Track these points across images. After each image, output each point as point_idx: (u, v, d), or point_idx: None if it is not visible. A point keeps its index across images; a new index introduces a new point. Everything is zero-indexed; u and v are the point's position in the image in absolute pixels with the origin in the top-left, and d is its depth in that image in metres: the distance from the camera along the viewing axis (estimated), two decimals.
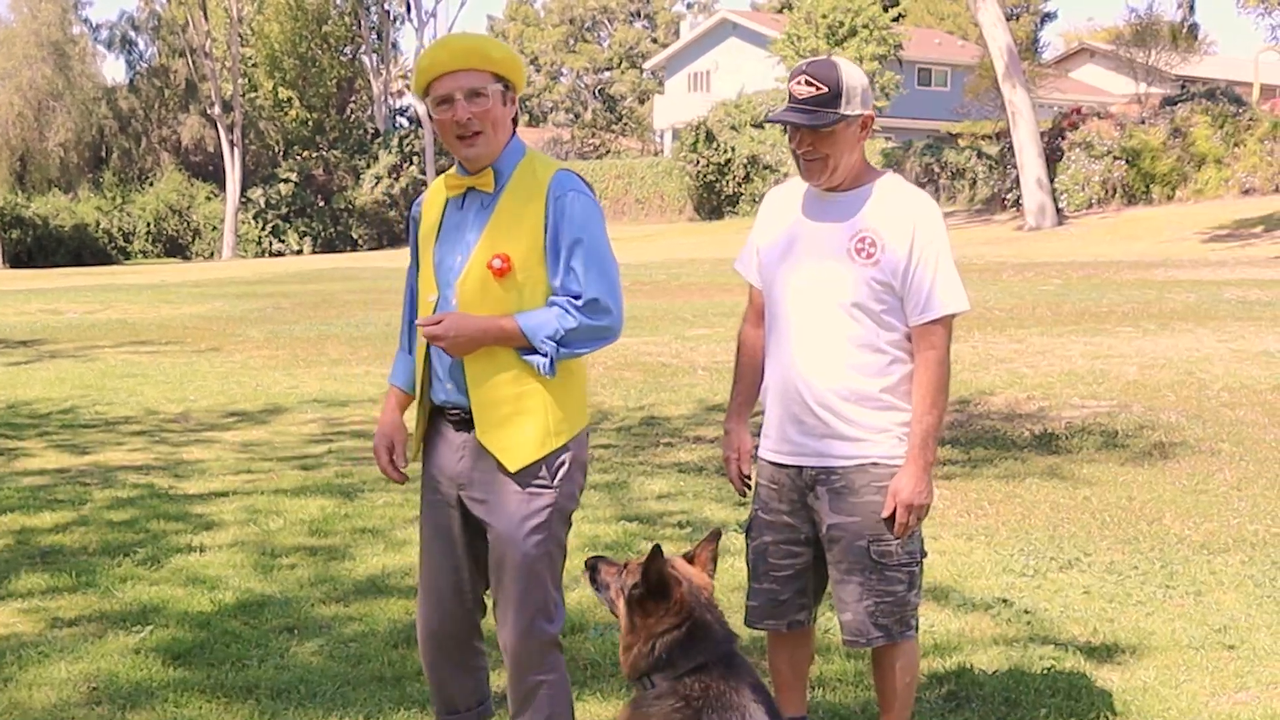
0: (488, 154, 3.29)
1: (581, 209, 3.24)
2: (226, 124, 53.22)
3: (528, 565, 3.32)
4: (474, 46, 3.28)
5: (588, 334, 3.22)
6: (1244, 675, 4.39)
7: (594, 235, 3.25)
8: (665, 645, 2.89)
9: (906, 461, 3.38)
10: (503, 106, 3.28)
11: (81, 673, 4.57)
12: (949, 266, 3.36)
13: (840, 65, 3.33)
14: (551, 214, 3.22)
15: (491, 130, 3.26)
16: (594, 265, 3.22)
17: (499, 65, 3.26)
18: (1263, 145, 31.78)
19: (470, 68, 3.24)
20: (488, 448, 3.30)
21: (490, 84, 3.25)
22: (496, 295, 3.26)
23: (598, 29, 75.06)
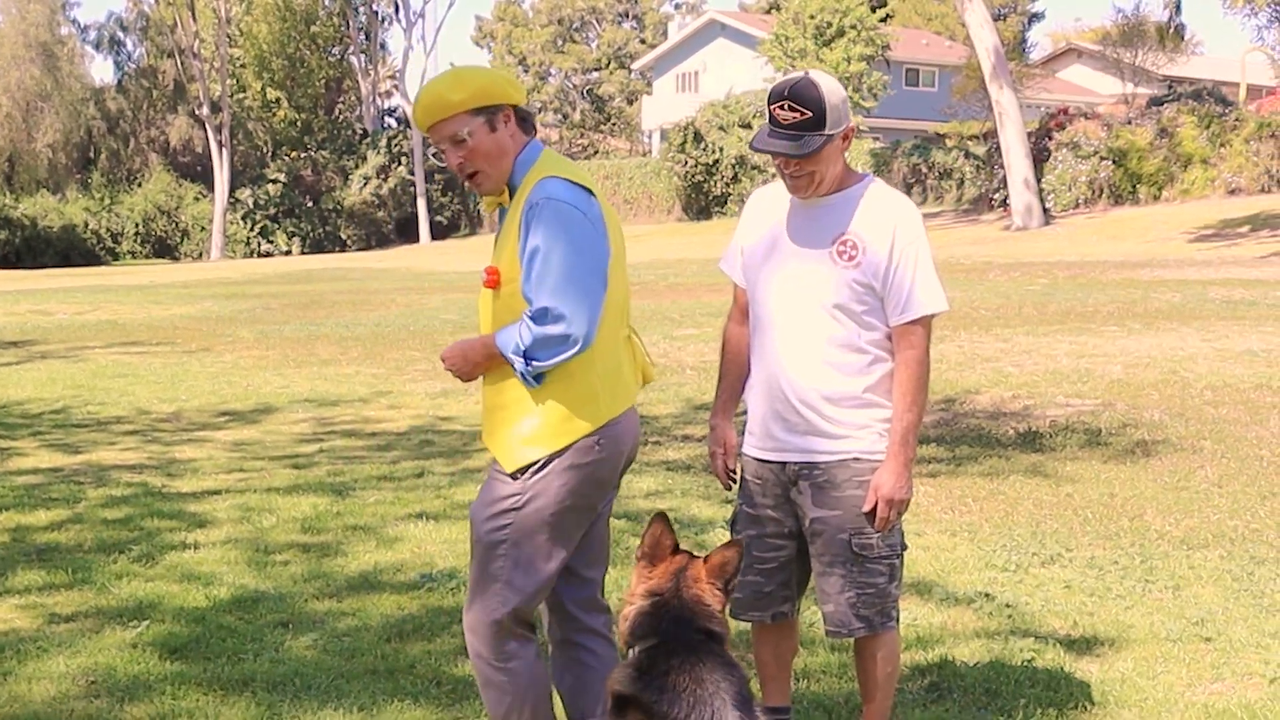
0: (495, 185, 3.36)
1: (547, 216, 3.20)
2: (215, 125, 53.21)
3: (481, 548, 3.40)
4: (433, 99, 3.29)
5: (545, 344, 3.19)
6: (1220, 666, 4.50)
7: (552, 243, 3.19)
8: (635, 615, 3.02)
9: (887, 458, 3.48)
10: (490, 135, 3.29)
11: (79, 667, 4.64)
12: (928, 268, 3.46)
13: (820, 85, 3.37)
14: (524, 223, 3.24)
15: (487, 164, 3.32)
16: (548, 274, 3.18)
17: (467, 103, 3.26)
18: (1249, 146, 31.97)
19: (439, 119, 3.28)
20: (490, 450, 3.42)
21: (468, 124, 3.27)
22: (491, 307, 3.37)
23: (586, 29, 75.10)
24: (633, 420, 3.46)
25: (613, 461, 3.40)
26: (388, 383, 12.31)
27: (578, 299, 3.18)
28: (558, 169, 3.33)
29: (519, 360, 3.21)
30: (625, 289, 3.45)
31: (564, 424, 3.30)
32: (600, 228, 3.29)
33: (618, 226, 3.44)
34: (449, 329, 17.01)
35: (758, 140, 3.44)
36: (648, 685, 2.89)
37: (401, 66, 58.39)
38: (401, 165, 54.89)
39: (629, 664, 3.00)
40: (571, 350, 3.20)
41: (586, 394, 3.31)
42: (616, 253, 3.37)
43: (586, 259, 3.22)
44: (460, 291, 23.71)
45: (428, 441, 9.24)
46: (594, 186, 3.35)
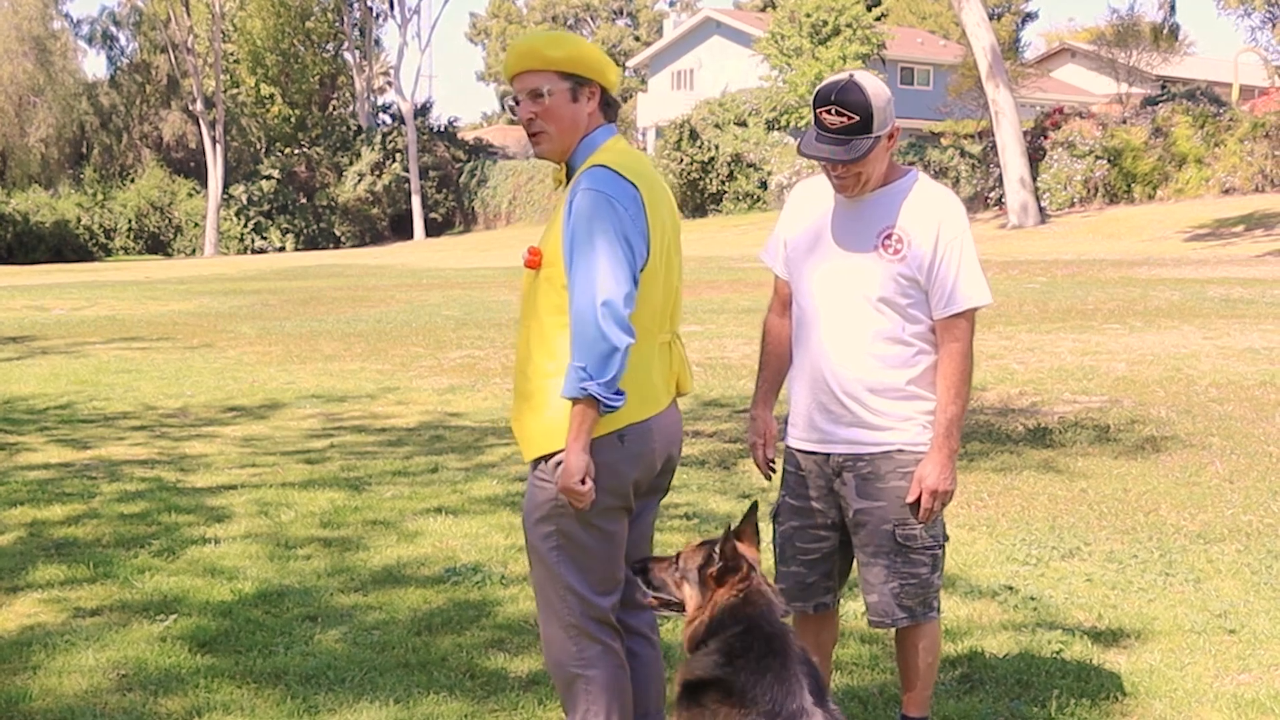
0: (554, 152, 3.34)
1: (585, 207, 3.16)
2: (208, 120, 53.10)
3: (537, 555, 3.41)
4: (530, 48, 3.30)
5: (600, 357, 3.11)
6: (1245, 658, 4.54)
7: (583, 239, 3.15)
8: (723, 609, 3.06)
9: (931, 449, 3.51)
10: (570, 104, 3.28)
11: (109, 660, 4.65)
12: (972, 262, 3.49)
13: (866, 87, 3.38)
14: (568, 209, 3.23)
15: (555, 129, 3.30)
16: (578, 273, 3.14)
17: (560, 64, 3.26)
18: (1243, 145, 32.12)
19: (528, 69, 3.29)
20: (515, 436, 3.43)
21: (553, 84, 3.26)
22: (531, 289, 3.35)
23: (580, 27, 75.10)
24: (665, 424, 3.41)
25: (642, 461, 3.36)
26: (394, 379, 12.32)
27: (608, 304, 3.12)
28: (612, 157, 3.29)
29: (593, 385, 3.11)
30: (667, 292, 3.38)
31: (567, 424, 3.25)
32: (638, 223, 3.23)
33: (669, 225, 3.38)
34: (451, 325, 17.02)
35: (805, 145, 3.44)
36: (736, 669, 2.92)
37: (396, 63, 58.47)
38: (396, 162, 54.82)
39: (710, 652, 3.01)
40: (623, 352, 3.13)
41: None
42: (660, 252, 3.31)
43: (619, 254, 3.16)
44: (460, 288, 23.71)
45: (439, 437, 9.25)
46: (645, 178, 3.31)
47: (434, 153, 55.76)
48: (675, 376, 3.48)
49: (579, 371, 3.12)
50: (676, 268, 3.45)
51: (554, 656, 3.46)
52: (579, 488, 3.20)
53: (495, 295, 21.77)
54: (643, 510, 3.53)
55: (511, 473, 7.87)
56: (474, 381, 11.94)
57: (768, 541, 5.84)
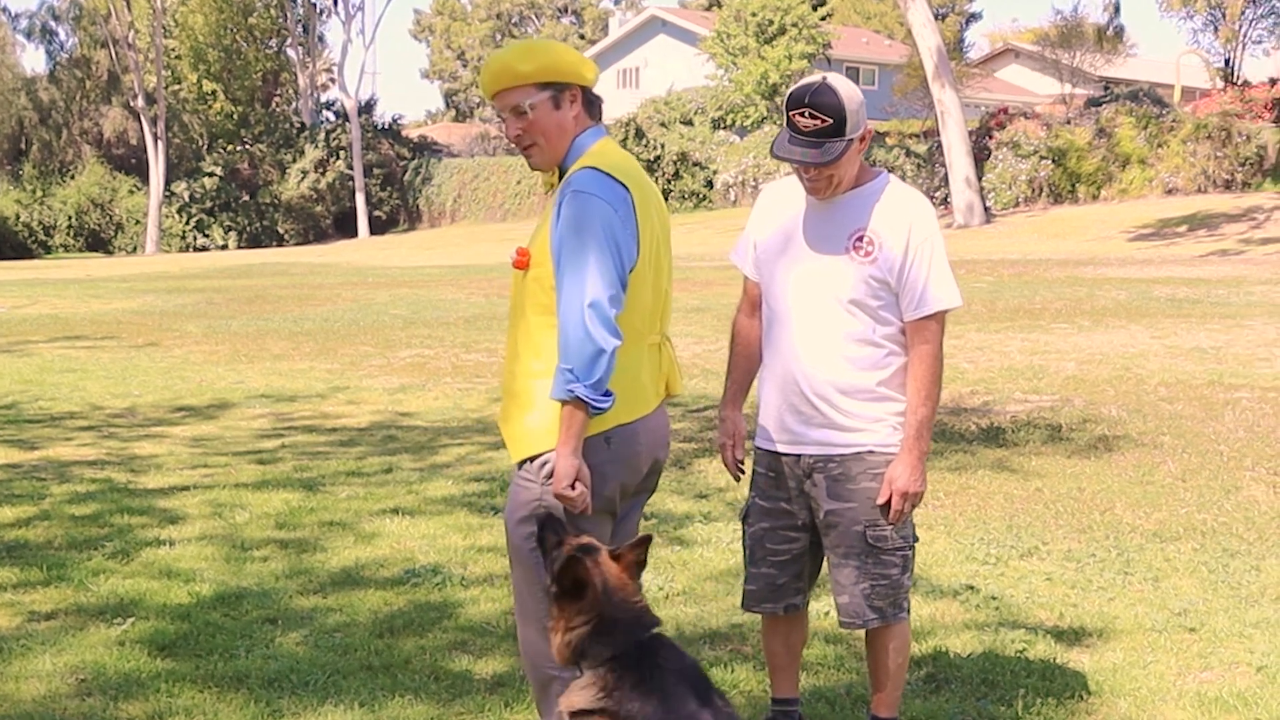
0: (548, 161, 3.34)
1: (574, 209, 3.15)
2: (150, 117, 52.33)
3: (517, 554, 3.38)
4: (503, 66, 3.28)
5: (586, 360, 3.09)
6: (1207, 656, 4.60)
7: (572, 241, 3.14)
8: (578, 639, 2.96)
9: (902, 451, 3.52)
10: (554, 111, 3.27)
11: (67, 665, 4.57)
12: (942, 264, 3.52)
13: (839, 90, 3.38)
14: (556, 212, 3.22)
15: (544, 140, 3.29)
16: (566, 275, 3.14)
17: (535, 76, 3.24)
18: (1185, 146, 32.63)
19: (504, 87, 3.27)
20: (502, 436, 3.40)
21: (531, 96, 3.25)
22: (519, 290, 3.34)
23: (525, 24, 74.86)
24: (652, 426, 3.39)
25: (628, 464, 3.34)
26: (343, 378, 12.21)
27: (601, 302, 3.11)
28: (601, 159, 3.27)
29: (580, 388, 3.09)
30: (656, 293, 3.37)
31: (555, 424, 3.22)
32: (628, 225, 3.21)
33: (659, 225, 3.37)
34: (399, 324, 16.90)
35: (778, 147, 3.44)
36: (617, 700, 2.88)
37: (340, 60, 58.00)
38: (340, 159, 54.31)
39: (586, 684, 2.95)
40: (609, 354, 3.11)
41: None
42: (649, 254, 3.30)
43: (607, 256, 3.15)
44: (407, 287, 23.55)
45: (391, 437, 9.18)
46: (635, 179, 3.30)
47: (378, 150, 55.33)
48: (664, 379, 3.46)
49: (566, 374, 3.10)
50: (666, 269, 3.43)
51: (530, 658, 3.43)
52: (569, 493, 3.17)
53: (443, 294, 21.64)
54: (628, 511, 3.51)
55: (466, 473, 7.82)
56: (424, 381, 11.86)
57: (724, 545, 5.91)
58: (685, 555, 5.89)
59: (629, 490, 3.40)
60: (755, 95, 44.04)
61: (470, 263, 30.70)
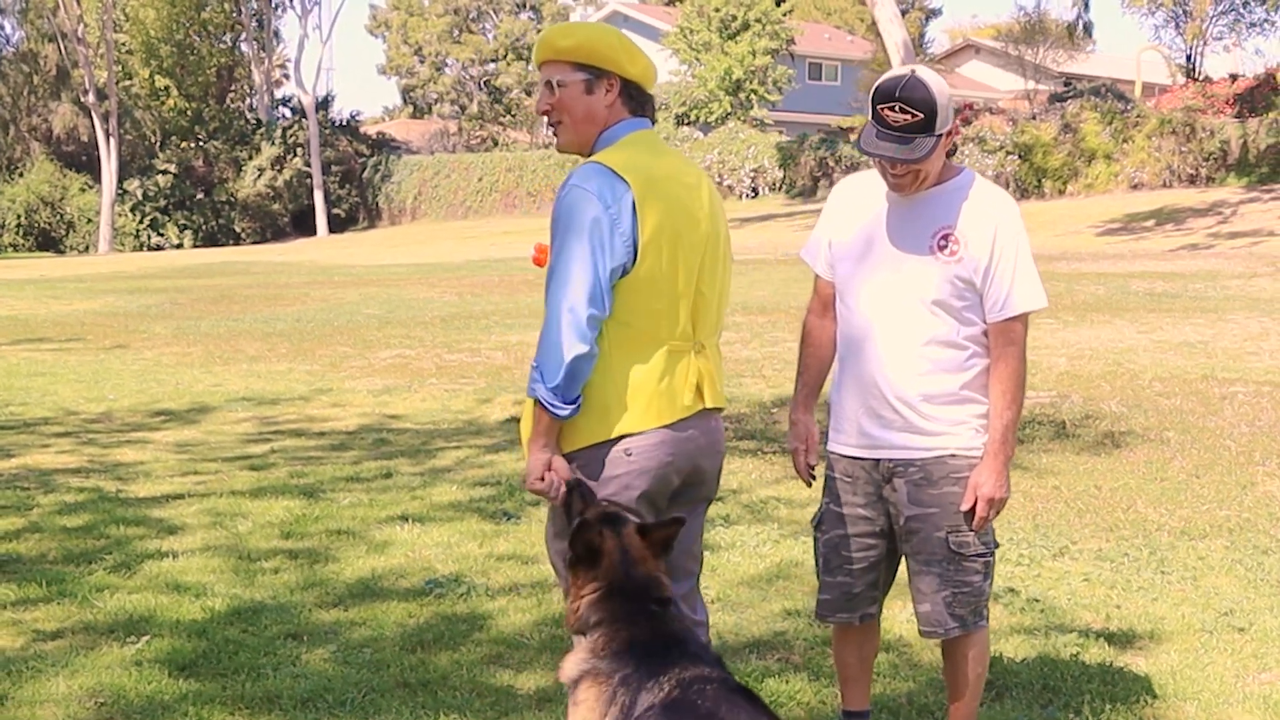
0: (572, 144, 3.27)
1: (564, 204, 3.10)
2: (101, 113, 51.45)
3: (558, 572, 3.29)
4: (547, 38, 3.26)
5: (548, 360, 3.05)
6: (1262, 656, 4.53)
7: (559, 238, 3.09)
8: (585, 606, 2.98)
9: (986, 456, 3.41)
10: (585, 95, 3.21)
11: (83, 688, 4.36)
12: (1028, 265, 3.41)
13: (930, 84, 3.25)
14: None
15: (570, 121, 3.23)
16: (552, 272, 3.08)
17: (571, 54, 3.20)
18: (1150, 141, 32.91)
19: (545, 59, 3.24)
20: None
21: (566, 74, 3.20)
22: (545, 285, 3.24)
23: (483, 20, 74.30)
24: (685, 435, 3.21)
25: (652, 475, 3.18)
26: (325, 380, 11.97)
27: (569, 303, 3.03)
28: (618, 153, 3.16)
29: (540, 388, 3.06)
30: (675, 296, 3.19)
31: (569, 433, 3.15)
32: (620, 224, 3.07)
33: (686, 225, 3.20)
34: (375, 324, 16.66)
35: (866, 142, 3.30)
36: (602, 656, 2.89)
37: (296, 55, 57.20)
38: (297, 156, 53.69)
39: (581, 648, 2.96)
40: (568, 359, 3.01)
41: (595, 404, 3.14)
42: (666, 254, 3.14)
43: (583, 256, 3.05)
44: (376, 286, 23.26)
45: (383, 441, 8.98)
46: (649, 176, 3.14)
47: (336, 147, 54.75)
48: (693, 386, 3.25)
49: (534, 372, 3.10)
50: (704, 272, 3.25)
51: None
52: (539, 485, 3.14)
53: (415, 293, 21.39)
54: (689, 517, 3.32)
55: (470, 477, 7.65)
56: (409, 382, 11.65)
57: (751, 549, 5.77)
58: (713, 561, 5.74)
59: (659, 502, 3.24)
60: (719, 91, 43.97)
61: (436, 261, 30.41)
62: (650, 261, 3.12)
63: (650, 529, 3.01)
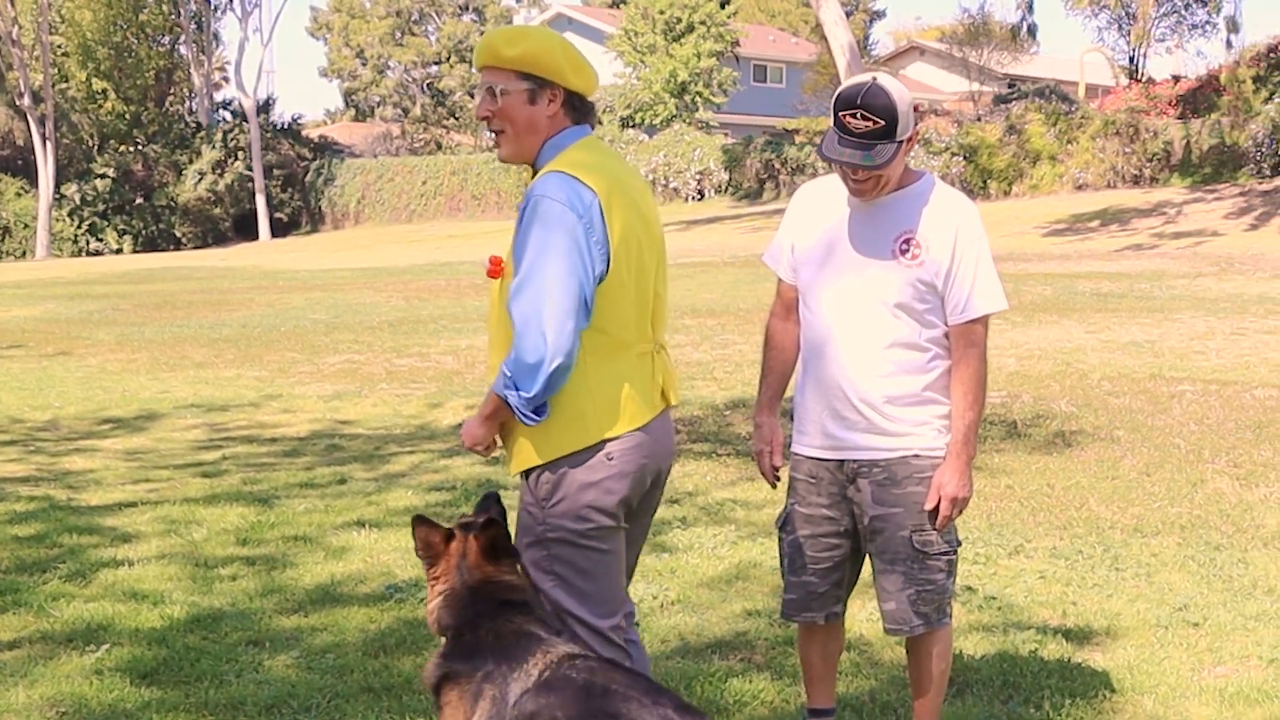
0: (514, 154, 3.23)
1: (534, 214, 3.05)
2: (37, 116, 50.56)
3: (537, 578, 3.24)
4: (489, 44, 3.20)
5: (524, 370, 3.03)
6: (1216, 650, 4.62)
7: (527, 250, 3.04)
8: (435, 608, 3.09)
9: (949, 456, 3.46)
10: (528, 105, 3.16)
11: (43, 697, 4.31)
12: (989, 267, 3.46)
13: (891, 91, 3.29)
14: (519, 217, 3.11)
15: (513, 130, 3.19)
16: (523, 281, 3.04)
17: (515, 63, 3.14)
18: (1095, 142, 33.34)
19: (486, 64, 3.18)
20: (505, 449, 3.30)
21: (509, 83, 3.15)
22: (494, 296, 3.23)
23: (425, 22, 73.98)
24: (652, 437, 3.26)
25: (632, 478, 3.21)
26: (274, 386, 11.87)
27: (548, 317, 3.00)
28: (573, 161, 3.14)
29: (513, 395, 3.07)
30: (640, 301, 3.22)
31: (569, 432, 3.15)
32: (592, 232, 3.06)
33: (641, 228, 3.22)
34: (322, 329, 16.53)
35: (828, 149, 3.33)
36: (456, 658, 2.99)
37: (236, 58, 56.58)
38: (239, 160, 53.08)
39: (436, 654, 3.08)
40: (548, 370, 3.02)
41: (573, 412, 3.14)
42: (628, 260, 3.16)
43: (563, 265, 3.02)
44: (320, 290, 23.07)
45: (336, 446, 8.92)
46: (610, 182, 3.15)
47: (278, 151, 54.20)
48: (660, 387, 3.31)
49: (504, 377, 3.09)
50: (655, 274, 3.29)
51: None
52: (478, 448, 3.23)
53: (361, 297, 21.24)
54: (634, 532, 3.39)
55: (424, 482, 7.62)
56: (359, 387, 11.58)
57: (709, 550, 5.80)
58: (672, 562, 5.77)
59: (634, 504, 3.28)
60: (664, 93, 44.02)
61: (381, 265, 30.20)
62: (620, 266, 3.14)
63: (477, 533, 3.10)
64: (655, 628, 4.91)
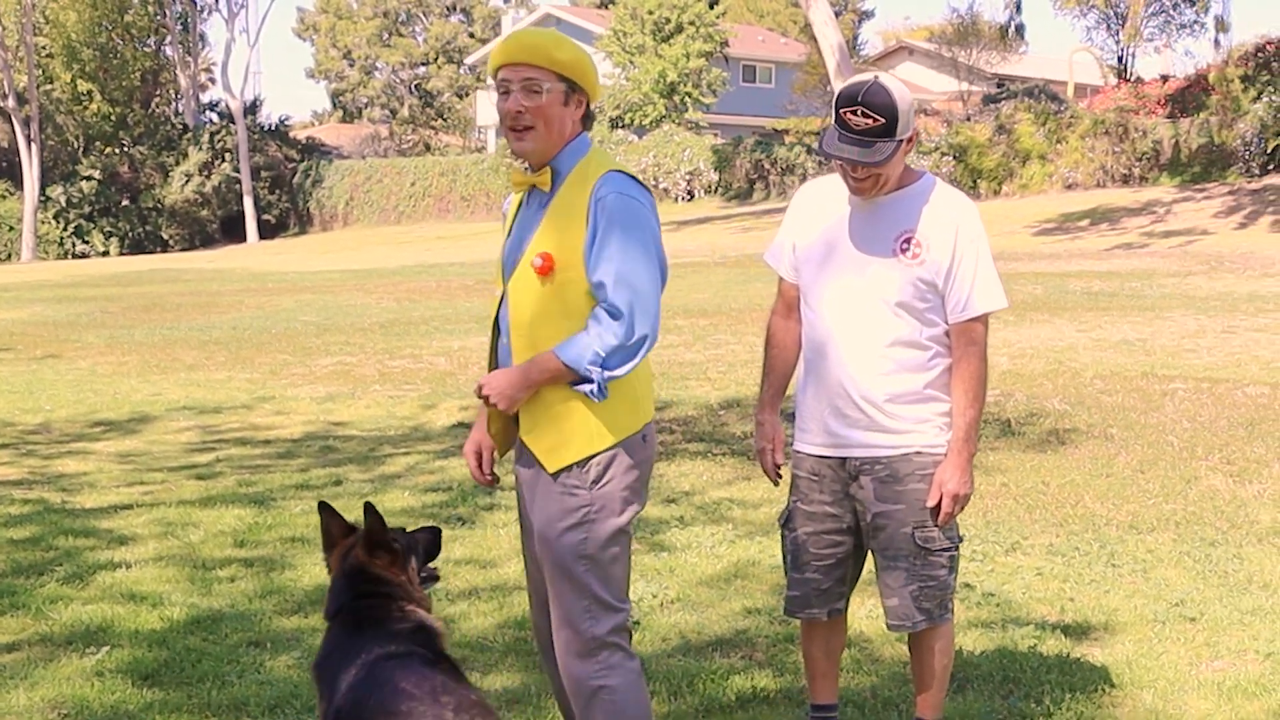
0: (539, 151, 3.28)
1: (620, 210, 3.19)
2: (21, 118, 50.37)
3: (564, 565, 3.27)
4: (540, 43, 3.27)
5: (623, 350, 3.17)
6: (1214, 645, 4.65)
7: (625, 240, 3.17)
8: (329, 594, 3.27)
9: (950, 453, 3.49)
10: (562, 107, 3.26)
11: (44, 699, 4.31)
12: (989, 266, 3.50)
13: (892, 90, 3.34)
14: (592, 215, 3.19)
15: (544, 127, 3.25)
16: (624, 273, 3.16)
17: (564, 67, 3.24)
18: (1084, 142, 33.46)
19: (531, 62, 3.24)
20: (530, 449, 3.29)
21: (550, 82, 3.23)
22: (538, 294, 3.25)
23: (413, 23, 73.92)
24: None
25: (652, 461, 3.39)
26: (266, 388, 11.85)
27: (650, 298, 3.19)
28: (616, 164, 3.31)
29: (597, 371, 3.14)
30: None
31: (626, 416, 3.26)
32: (657, 230, 3.29)
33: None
34: (313, 331, 16.51)
35: (828, 144, 3.38)
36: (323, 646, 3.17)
37: (223, 59, 56.44)
38: (225, 162, 52.94)
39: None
40: (643, 352, 3.20)
41: (630, 395, 3.28)
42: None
43: (654, 257, 3.23)
44: (310, 292, 23.04)
45: (330, 448, 8.91)
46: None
47: (266, 152, 54.08)
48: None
49: (595, 354, 3.14)
50: None
51: (574, 673, 3.32)
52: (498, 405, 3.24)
53: (351, 299, 21.22)
54: None
55: (420, 483, 7.62)
56: (352, 389, 11.57)
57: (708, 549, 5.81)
58: (671, 561, 5.79)
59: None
60: (653, 94, 44.02)
61: (371, 266, 30.18)
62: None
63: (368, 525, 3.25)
64: (656, 626, 4.92)
